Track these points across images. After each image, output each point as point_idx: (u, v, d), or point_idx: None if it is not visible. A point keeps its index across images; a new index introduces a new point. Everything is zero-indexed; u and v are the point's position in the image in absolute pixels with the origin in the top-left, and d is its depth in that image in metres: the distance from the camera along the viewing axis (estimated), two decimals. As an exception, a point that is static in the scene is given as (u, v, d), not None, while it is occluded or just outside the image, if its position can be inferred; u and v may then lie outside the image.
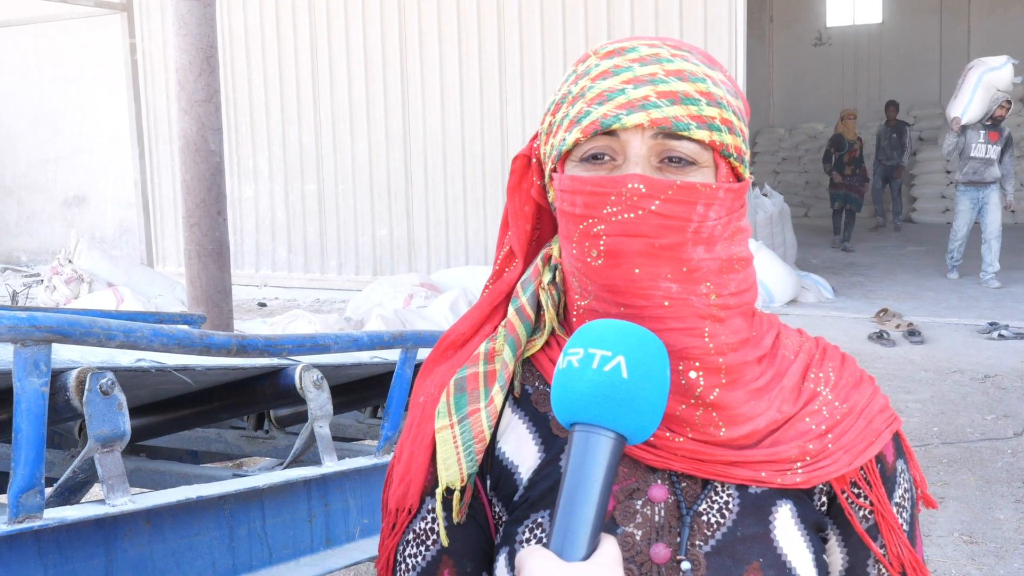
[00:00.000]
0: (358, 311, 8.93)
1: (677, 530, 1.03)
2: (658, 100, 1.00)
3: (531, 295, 1.13)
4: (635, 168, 1.00)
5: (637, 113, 1.00)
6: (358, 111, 10.92)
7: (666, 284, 1.01)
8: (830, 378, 1.10)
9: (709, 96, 1.02)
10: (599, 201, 1.01)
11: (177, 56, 5.30)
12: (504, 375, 1.09)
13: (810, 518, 1.06)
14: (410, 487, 1.11)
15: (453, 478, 1.05)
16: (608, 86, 1.02)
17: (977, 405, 6.24)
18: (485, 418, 1.07)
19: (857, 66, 17.94)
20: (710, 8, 9.40)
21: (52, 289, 9.77)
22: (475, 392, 1.10)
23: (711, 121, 1.01)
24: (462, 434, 1.06)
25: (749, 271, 1.08)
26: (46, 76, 12.98)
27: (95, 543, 1.89)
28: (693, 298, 1.02)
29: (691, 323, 1.02)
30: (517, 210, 1.16)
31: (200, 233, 5.36)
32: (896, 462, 1.11)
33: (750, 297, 1.08)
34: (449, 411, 1.09)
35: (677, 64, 1.02)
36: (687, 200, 1.00)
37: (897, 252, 12.86)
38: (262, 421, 3.09)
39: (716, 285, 1.03)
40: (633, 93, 1.01)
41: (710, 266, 1.02)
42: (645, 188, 1.00)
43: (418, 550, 1.11)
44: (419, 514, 1.11)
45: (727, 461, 1.03)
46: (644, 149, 1.01)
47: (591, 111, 1.02)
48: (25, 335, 1.72)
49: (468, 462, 1.05)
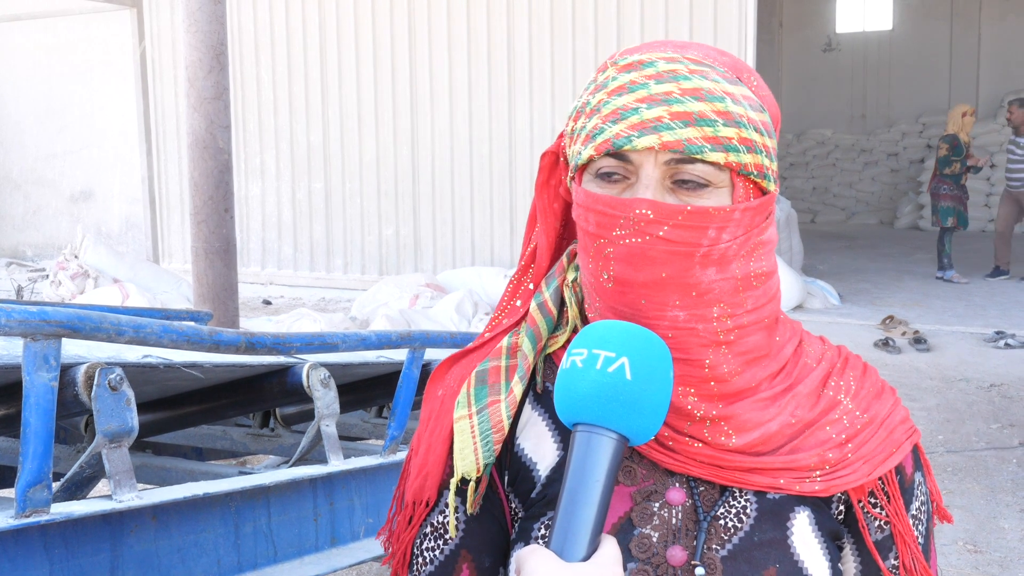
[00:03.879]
0: (363, 311, 8.93)
1: (694, 533, 1.02)
2: (671, 122, 0.97)
3: (554, 291, 1.13)
4: (646, 191, 0.99)
5: (649, 136, 0.98)
6: (366, 111, 10.92)
7: (673, 313, 1.00)
8: (851, 387, 1.09)
9: (727, 116, 0.98)
10: (609, 222, 1.00)
11: (187, 53, 5.31)
12: (524, 367, 1.08)
13: (827, 526, 1.05)
14: (427, 480, 1.10)
15: (469, 468, 1.04)
16: (623, 103, 1.00)
17: (983, 414, 6.23)
18: (504, 409, 1.06)
19: (867, 72, 17.92)
20: (720, 13, 9.39)
21: (58, 284, 9.78)
22: (496, 385, 1.09)
23: (727, 142, 0.98)
24: (480, 424, 1.06)
25: (770, 284, 1.06)
26: (55, 71, 13.00)
27: (101, 538, 1.89)
28: (700, 326, 1.01)
29: (693, 354, 1.02)
30: (546, 207, 1.15)
31: (207, 230, 5.36)
32: (915, 474, 1.11)
33: (770, 310, 1.06)
34: (469, 402, 1.08)
35: (695, 82, 0.99)
36: (698, 225, 0.99)
37: (905, 259, 12.83)
38: (267, 419, 3.09)
39: (730, 306, 1.02)
40: (646, 113, 0.98)
41: (723, 287, 1.01)
42: (653, 214, 0.98)
43: (436, 543, 1.10)
44: (437, 507, 1.10)
45: (745, 468, 1.02)
46: (656, 172, 0.99)
47: (605, 128, 1.00)
48: (35, 329, 1.72)
49: (485, 452, 1.04)
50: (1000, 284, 10.65)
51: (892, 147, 17.60)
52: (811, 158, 17.86)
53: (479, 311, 8.58)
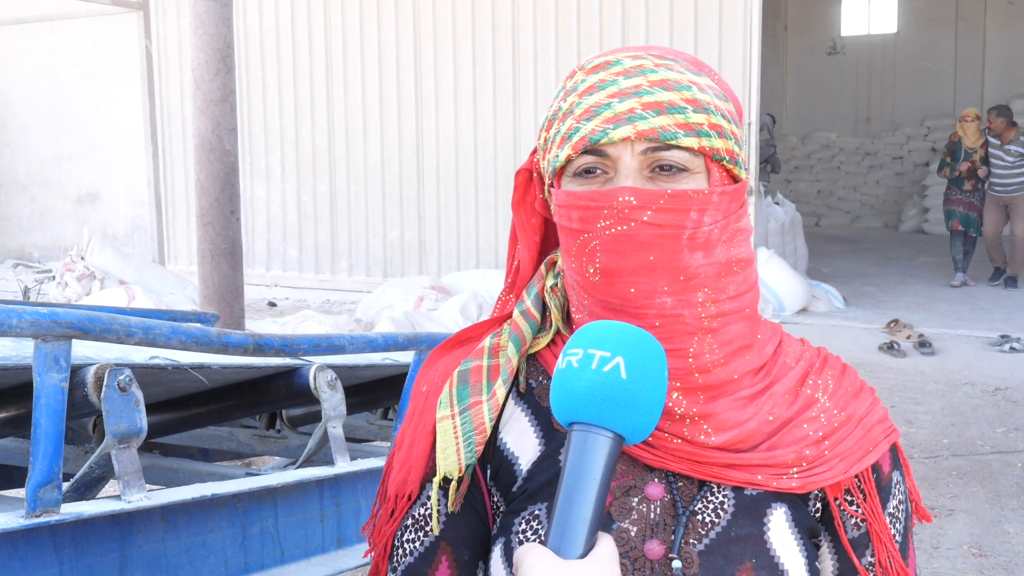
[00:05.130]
0: (368, 313, 8.94)
1: (672, 528, 1.04)
2: (644, 112, 1.02)
3: (535, 297, 1.16)
4: (626, 181, 1.02)
5: (624, 127, 1.01)
6: (371, 113, 10.94)
7: (661, 300, 1.03)
8: (828, 385, 1.11)
9: (695, 103, 1.03)
10: (593, 215, 1.03)
11: (193, 55, 5.33)
12: (507, 370, 1.11)
13: (804, 523, 1.07)
14: (410, 474, 1.13)
15: (451, 467, 1.06)
16: (595, 101, 1.04)
17: (988, 418, 6.22)
18: (487, 411, 1.08)
19: (871, 76, 17.91)
20: (725, 16, 9.39)
21: (64, 286, 9.81)
22: (478, 385, 1.11)
23: (699, 127, 1.02)
24: (463, 425, 1.08)
25: (749, 272, 1.09)
26: (61, 73, 13.03)
27: (110, 538, 1.90)
28: (686, 312, 1.04)
29: (678, 343, 1.04)
30: (525, 223, 1.18)
31: (213, 232, 5.38)
32: (892, 473, 1.12)
33: (750, 299, 1.09)
34: (451, 402, 1.10)
35: (661, 74, 1.04)
36: (679, 208, 1.02)
37: (909, 262, 12.82)
38: (273, 420, 3.10)
39: (713, 291, 1.04)
40: (619, 107, 1.02)
41: (708, 271, 1.04)
42: (636, 200, 1.01)
43: (416, 535, 1.12)
44: (418, 500, 1.13)
45: (724, 463, 1.04)
46: (634, 161, 1.02)
47: (580, 127, 1.04)
48: (46, 331, 1.73)
49: (467, 453, 1.06)
50: (1005, 288, 10.63)
51: (897, 151, 17.58)
52: (815, 161, 17.85)
53: (483, 313, 8.59)
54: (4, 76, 13.47)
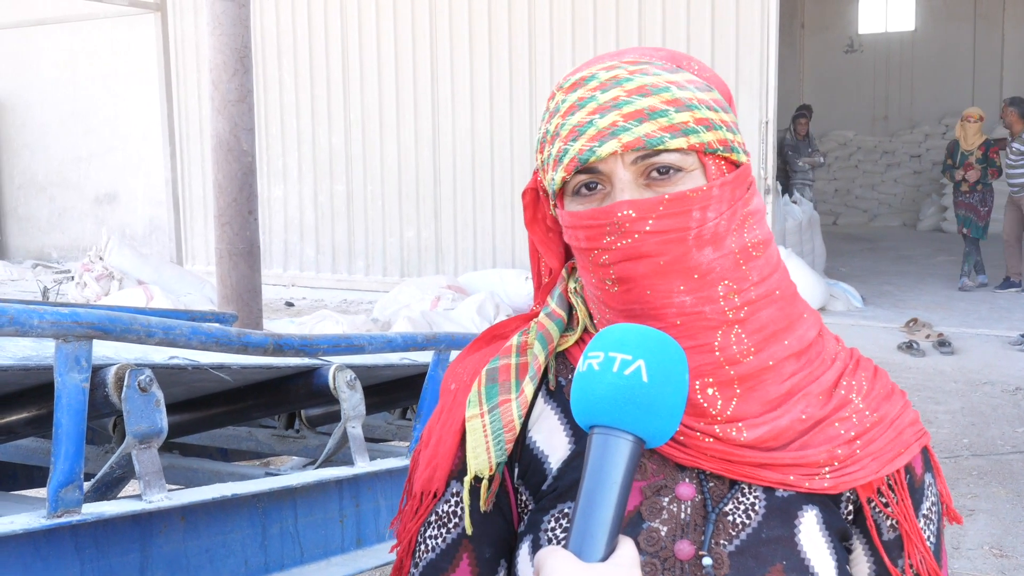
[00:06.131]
0: (385, 312, 8.95)
1: (702, 528, 1.04)
2: (626, 123, 1.02)
3: (559, 298, 1.16)
4: (623, 194, 1.03)
5: (609, 142, 1.02)
6: (388, 113, 10.95)
7: (680, 299, 1.03)
8: (863, 387, 1.10)
9: (676, 103, 1.03)
10: (596, 233, 1.04)
11: (211, 56, 5.34)
12: (535, 367, 1.11)
13: (835, 526, 1.06)
14: (436, 471, 1.13)
15: (482, 467, 1.07)
16: (577, 120, 1.04)
17: (1008, 417, 6.18)
18: (516, 408, 1.08)
19: (889, 74, 17.82)
20: (742, 15, 9.36)
21: (83, 286, 9.86)
22: (506, 383, 1.11)
23: (684, 126, 1.02)
24: (492, 423, 1.08)
25: (769, 252, 1.08)
26: (80, 74, 13.10)
27: (131, 539, 1.90)
28: (707, 308, 1.03)
29: (701, 338, 1.04)
30: (543, 239, 1.18)
31: (231, 232, 5.39)
32: (924, 475, 1.12)
33: (777, 280, 1.08)
34: (480, 400, 1.11)
35: (637, 81, 1.04)
36: (680, 211, 1.02)
37: (927, 261, 12.75)
38: (292, 420, 3.11)
39: (735, 281, 1.04)
40: (601, 122, 1.02)
41: (723, 264, 1.03)
42: (635, 212, 1.02)
43: (439, 531, 1.12)
44: (443, 497, 1.13)
45: (756, 463, 1.04)
46: (627, 173, 1.03)
47: (568, 148, 1.04)
48: (67, 331, 1.74)
49: (497, 451, 1.07)
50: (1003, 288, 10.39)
51: (915, 149, 17.48)
52: (833, 160, 17.77)
53: (500, 313, 8.58)
54: (23, 78, 13.55)
